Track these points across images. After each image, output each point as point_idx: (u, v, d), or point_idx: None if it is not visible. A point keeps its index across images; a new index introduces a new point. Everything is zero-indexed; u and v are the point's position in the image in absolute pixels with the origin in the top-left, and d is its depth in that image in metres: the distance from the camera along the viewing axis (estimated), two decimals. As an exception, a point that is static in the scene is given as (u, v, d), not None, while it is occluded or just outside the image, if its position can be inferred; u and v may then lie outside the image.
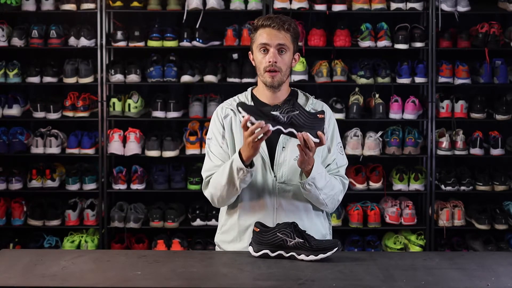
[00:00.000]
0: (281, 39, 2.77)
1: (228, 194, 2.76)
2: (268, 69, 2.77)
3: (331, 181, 2.78)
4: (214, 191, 2.79)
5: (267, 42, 2.76)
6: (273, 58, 2.76)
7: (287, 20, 2.80)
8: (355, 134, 5.00)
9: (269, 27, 2.77)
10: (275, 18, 2.79)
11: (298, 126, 2.59)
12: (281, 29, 2.77)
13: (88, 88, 5.14)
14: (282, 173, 2.81)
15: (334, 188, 2.80)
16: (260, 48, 2.78)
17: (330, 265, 2.53)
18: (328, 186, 2.76)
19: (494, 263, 2.62)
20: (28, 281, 2.39)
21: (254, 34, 2.82)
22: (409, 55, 5.12)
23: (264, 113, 2.59)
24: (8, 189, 5.01)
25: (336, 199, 2.83)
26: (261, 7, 4.94)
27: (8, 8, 4.98)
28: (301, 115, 2.59)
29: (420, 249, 4.88)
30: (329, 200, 2.79)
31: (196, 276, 2.44)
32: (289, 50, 2.79)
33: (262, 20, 2.80)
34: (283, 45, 2.77)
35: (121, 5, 4.97)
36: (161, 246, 4.86)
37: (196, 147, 4.95)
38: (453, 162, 5.25)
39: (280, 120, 2.58)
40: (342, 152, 2.91)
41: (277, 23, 2.77)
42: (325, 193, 2.76)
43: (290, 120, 2.59)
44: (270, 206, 2.81)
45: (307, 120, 2.60)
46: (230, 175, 2.70)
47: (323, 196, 2.75)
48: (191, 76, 4.99)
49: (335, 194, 2.81)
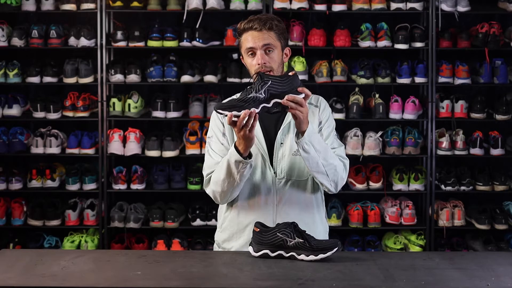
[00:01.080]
0: (265, 40, 2.76)
1: (229, 188, 2.75)
2: (259, 71, 2.76)
3: (328, 149, 2.75)
4: (216, 187, 2.78)
5: (252, 46, 2.76)
6: (262, 60, 2.75)
7: (268, 18, 2.79)
8: (355, 134, 5.00)
9: (251, 29, 2.77)
10: (255, 20, 2.77)
11: (278, 94, 2.59)
12: (263, 29, 2.76)
13: (88, 88, 5.15)
14: (281, 169, 2.81)
15: (334, 158, 2.75)
16: (248, 52, 2.79)
17: (330, 265, 2.53)
18: (327, 151, 2.72)
19: (494, 263, 2.62)
20: (28, 281, 2.39)
21: (240, 39, 2.82)
22: (409, 55, 5.12)
23: (242, 101, 2.58)
24: (8, 189, 5.01)
25: (338, 174, 2.77)
26: (261, 7, 4.94)
27: (8, 8, 4.98)
28: (275, 83, 2.59)
29: (420, 249, 4.88)
30: (330, 170, 2.73)
31: (196, 276, 2.44)
32: (276, 48, 2.78)
33: (243, 24, 2.79)
34: (268, 45, 2.76)
35: (121, 5, 4.97)
36: (161, 246, 4.87)
37: (196, 147, 4.95)
38: (453, 162, 5.25)
39: (259, 98, 2.58)
40: (337, 139, 2.89)
41: (258, 24, 2.76)
42: (324, 158, 2.70)
43: (269, 93, 2.58)
44: (270, 202, 2.81)
45: (283, 84, 2.59)
46: (228, 169, 2.69)
47: (322, 161, 2.70)
48: (191, 76, 4.99)
49: (336, 166, 2.75)
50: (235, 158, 2.66)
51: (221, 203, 2.87)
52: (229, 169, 2.69)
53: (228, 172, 2.70)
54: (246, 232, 2.82)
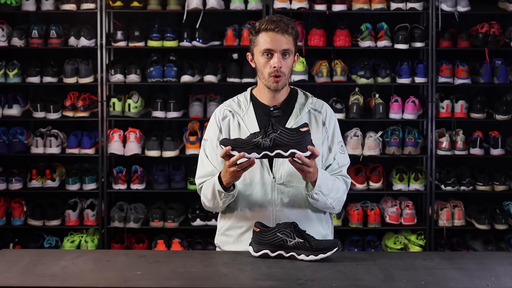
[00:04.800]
0: (285, 44, 2.74)
1: (215, 207, 2.81)
2: (273, 74, 2.75)
3: (335, 184, 2.78)
4: (205, 200, 2.84)
5: (272, 48, 2.73)
6: (279, 64, 2.73)
7: (289, 22, 2.76)
8: (355, 134, 5.00)
9: (272, 31, 2.73)
10: (279, 22, 2.74)
11: (283, 146, 2.56)
12: (285, 33, 2.73)
13: (88, 88, 5.14)
14: (281, 174, 2.80)
15: (339, 191, 2.80)
16: (264, 52, 2.75)
17: (330, 265, 2.53)
18: (334, 189, 2.76)
19: (494, 263, 2.62)
20: (28, 281, 2.39)
21: (255, 36, 2.77)
22: (409, 55, 5.12)
23: (246, 143, 2.58)
24: (8, 189, 5.01)
25: (341, 200, 2.83)
26: (261, 7, 4.94)
27: (8, 8, 4.98)
28: (283, 134, 2.57)
29: (420, 249, 4.88)
30: (336, 203, 2.80)
31: (196, 276, 2.44)
32: (292, 53, 2.77)
33: (265, 24, 2.75)
34: (287, 50, 2.75)
35: (121, 5, 4.97)
36: (161, 246, 4.87)
37: (196, 147, 4.94)
38: (453, 162, 5.25)
39: (264, 145, 2.57)
40: (343, 151, 2.89)
41: (280, 28, 2.73)
42: (332, 197, 2.76)
43: (274, 142, 2.56)
44: (269, 207, 2.81)
45: (291, 137, 2.57)
46: (213, 193, 2.75)
47: (330, 200, 2.76)
48: (191, 76, 4.99)
49: (341, 196, 2.82)
50: (217, 188, 2.71)
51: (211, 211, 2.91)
52: (214, 193, 2.75)
53: (213, 195, 2.76)
54: (246, 236, 2.81)
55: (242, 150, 2.57)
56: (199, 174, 2.87)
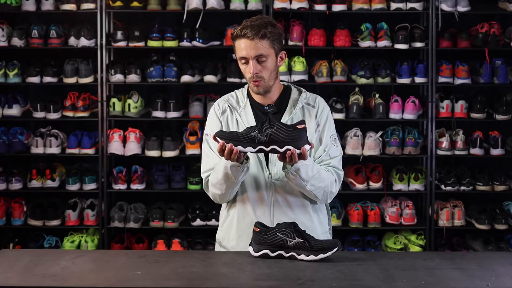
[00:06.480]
0: (258, 50, 2.72)
1: (228, 190, 2.76)
2: (252, 80, 2.76)
3: (320, 173, 2.75)
4: (215, 190, 2.79)
5: (245, 56, 2.74)
6: (254, 70, 2.73)
7: (262, 25, 2.72)
8: (355, 134, 5.00)
9: (244, 37, 2.72)
10: (248, 27, 2.71)
11: (279, 142, 2.58)
12: (255, 38, 2.70)
13: (88, 88, 5.15)
14: (276, 170, 2.80)
15: (324, 180, 2.76)
16: (240, 60, 2.76)
17: (330, 265, 2.53)
18: (316, 177, 2.72)
19: (494, 263, 2.62)
20: (28, 281, 2.39)
21: (234, 42, 2.78)
22: (409, 55, 5.12)
23: (242, 136, 2.58)
24: (8, 189, 5.01)
25: (328, 191, 2.79)
26: (261, 7, 4.94)
27: (8, 8, 4.98)
28: (279, 130, 2.57)
29: (420, 249, 4.88)
30: (318, 192, 2.76)
31: (196, 276, 2.44)
32: (269, 56, 2.74)
33: (238, 30, 2.75)
34: (260, 55, 2.73)
35: (121, 5, 4.97)
36: (161, 246, 4.87)
37: (196, 147, 4.94)
38: (453, 162, 5.26)
39: (259, 139, 2.57)
40: (336, 143, 2.87)
41: (251, 32, 2.70)
42: (313, 184, 2.72)
43: (270, 138, 2.57)
44: (267, 203, 2.81)
45: (287, 133, 2.58)
46: (226, 172, 2.70)
47: (310, 187, 2.72)
48: (191, 76, 4.99)
49: (326, 186, 2.77)
50: (230, 165, 2.67)
51: (221, 203, 2.89)
52: (226, 173, 2.70)
53: (225, 175, 2.70)
54: (245, 232, 2.81)
55: (238, 144, 2.58)
56: (205, 167, 2.85)
